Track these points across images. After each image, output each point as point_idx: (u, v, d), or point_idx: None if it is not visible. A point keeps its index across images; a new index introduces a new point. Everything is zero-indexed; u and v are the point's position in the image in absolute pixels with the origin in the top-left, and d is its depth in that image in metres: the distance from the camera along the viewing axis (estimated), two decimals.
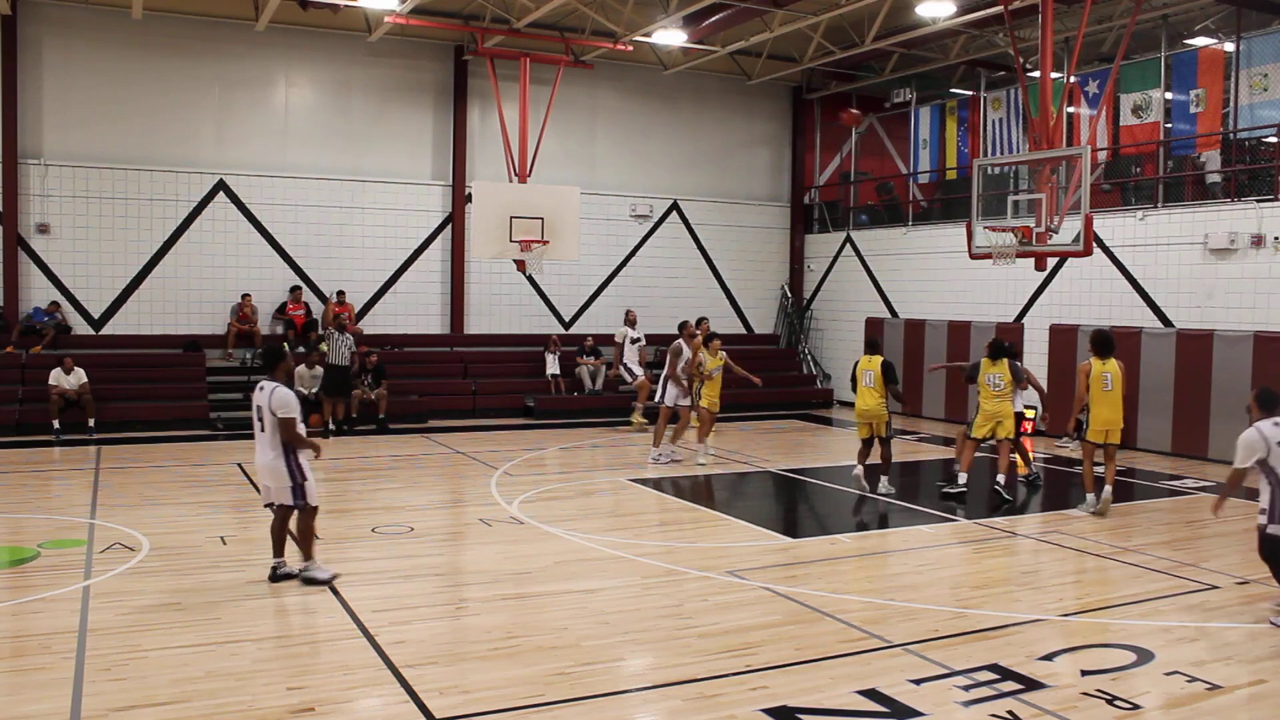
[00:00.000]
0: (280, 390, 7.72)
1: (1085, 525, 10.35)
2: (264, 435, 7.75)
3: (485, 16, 18.13)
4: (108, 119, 17.48)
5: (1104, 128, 17.10)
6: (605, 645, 6.56)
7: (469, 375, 19.07)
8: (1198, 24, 17.73)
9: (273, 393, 7.69)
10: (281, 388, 7.76)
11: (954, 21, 16.53)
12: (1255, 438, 7.18)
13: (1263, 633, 7.01)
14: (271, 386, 7.74)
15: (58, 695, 5.55)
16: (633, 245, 21.39)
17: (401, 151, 19.53)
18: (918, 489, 12.77)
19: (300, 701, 5.50)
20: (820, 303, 22.68)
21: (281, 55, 18.62)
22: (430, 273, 19.76)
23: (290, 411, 7.65)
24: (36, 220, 17.13)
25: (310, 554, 7.89)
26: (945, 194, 21.76)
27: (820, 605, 7.41)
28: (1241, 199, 15.15)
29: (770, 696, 5.64)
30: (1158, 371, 15.44)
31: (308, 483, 7.80)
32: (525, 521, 10.19)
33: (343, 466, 13.91)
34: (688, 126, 21.91)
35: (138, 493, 11.42)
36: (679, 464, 13.74)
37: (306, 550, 7.89)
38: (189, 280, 18.00)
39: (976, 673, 6.05)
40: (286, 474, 7.74)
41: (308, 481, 7.80)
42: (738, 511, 11.06)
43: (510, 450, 14.87)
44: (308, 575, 7.78)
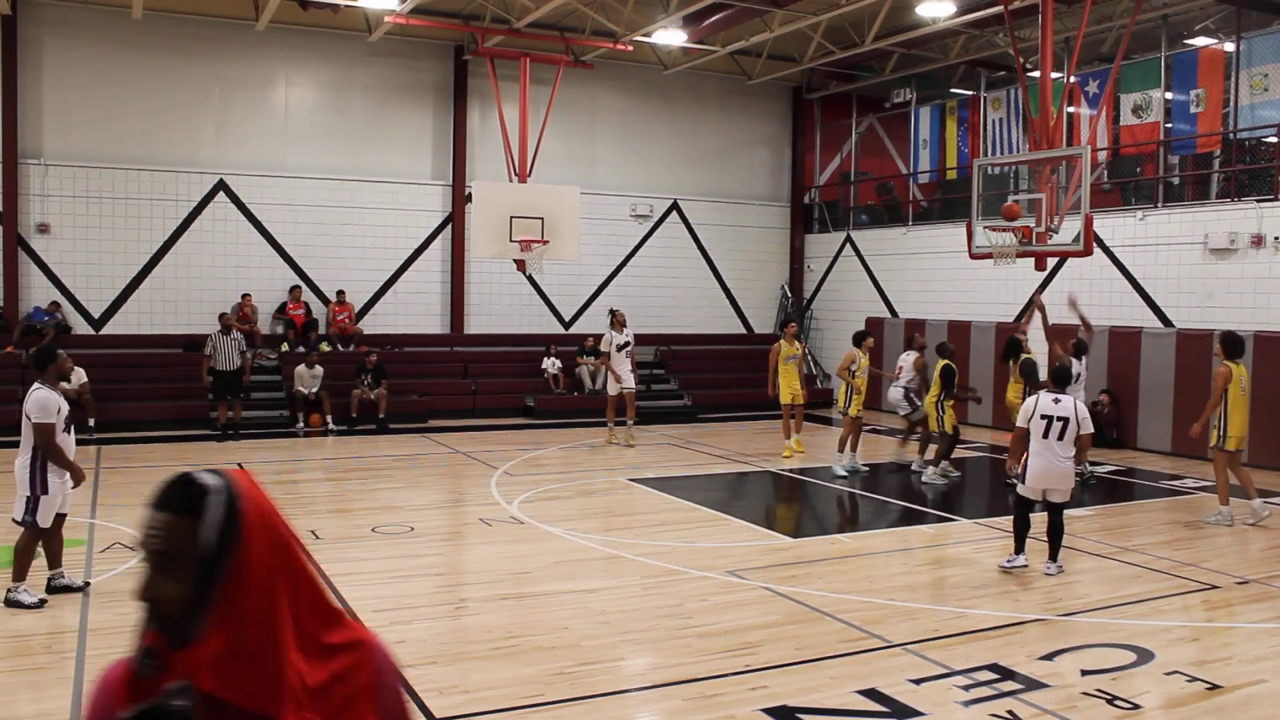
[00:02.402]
0: (39, 393, 7.14)
1: (1085, 525, 10.35)
2: (24, 440, 7.18)
3: (485, 16, 18.13)
4: (108, 119, 17.48)
5: (1104, 128, 17.10)
6: (605, 645, 6.56)
7: (469, 375, 19.07)
8: (1198, 24, 17.73)
9: (31, 395, 7.15)
10: (42, 390, 7.17)
11: (954, 21, 16.53)
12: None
13: (1262, 633, 7.01)
14: (34, 388, 7.19)
15: (58, 695, 5.55)
16: (633, 245, 21.39)
17: (401, 151, 19.53)
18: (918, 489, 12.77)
19: None
20: (820, 303, 22.69)
21: (281, 55, 18.62)
22: (430, 273, 19.76)
23: (45, 417, 7.06)
24: (36, 220, 17.14)
25: (22, 575, 7.17)
26: (945, 194, 21.76)
27: (820, 605, 7.41)
28: (1241, 199, 15.15)
29: (770, 696, 5.64)
30: (1158, 371, 15.44)
31: (45, 498, 7.13)
32: (525, 521, 10.19)
33: (342, 466, 13.92)
34: (688, 126, 21.91)
35: (138, 493, 11.38)
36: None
37: (19, 568, 7.15)
38: (189, 280, 17.99)
39: (976, 673, 6.04)
40: (27, 482, 7.12)
41: (46, 497, 7.13)
42: (738, 511, 11.06)
43: (510, 450, 14.87)
44: (11, 598, 7.10)
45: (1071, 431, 8.10)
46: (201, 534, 1.60)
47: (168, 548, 1.61)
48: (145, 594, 1.61)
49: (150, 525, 1.63)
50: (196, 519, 1.60)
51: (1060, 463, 8.10)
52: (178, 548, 1.60)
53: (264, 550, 1.63)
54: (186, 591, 1.60)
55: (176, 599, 1.60)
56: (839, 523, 11.42)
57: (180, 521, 1.61)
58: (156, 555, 1.61)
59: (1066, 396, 8.30)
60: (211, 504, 1.62)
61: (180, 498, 1.63)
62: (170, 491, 1.64)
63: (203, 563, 1.60)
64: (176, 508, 1.62)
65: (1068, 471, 8.17)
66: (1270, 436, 13.72)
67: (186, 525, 1.60)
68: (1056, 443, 8.08)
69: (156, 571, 1.61)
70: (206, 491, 1.63)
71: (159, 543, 1.61)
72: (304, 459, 14.59)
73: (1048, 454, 8.08)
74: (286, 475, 13.15)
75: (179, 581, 1.60)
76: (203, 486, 1.63)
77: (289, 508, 10.58)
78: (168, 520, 1.62)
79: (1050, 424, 8.09)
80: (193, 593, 1.60)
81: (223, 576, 1.59)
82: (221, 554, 1.60)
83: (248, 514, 1.63)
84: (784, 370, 14.44)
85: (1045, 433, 8.10)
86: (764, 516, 11.57)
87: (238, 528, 1.61)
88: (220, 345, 15.55)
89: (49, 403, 7.16)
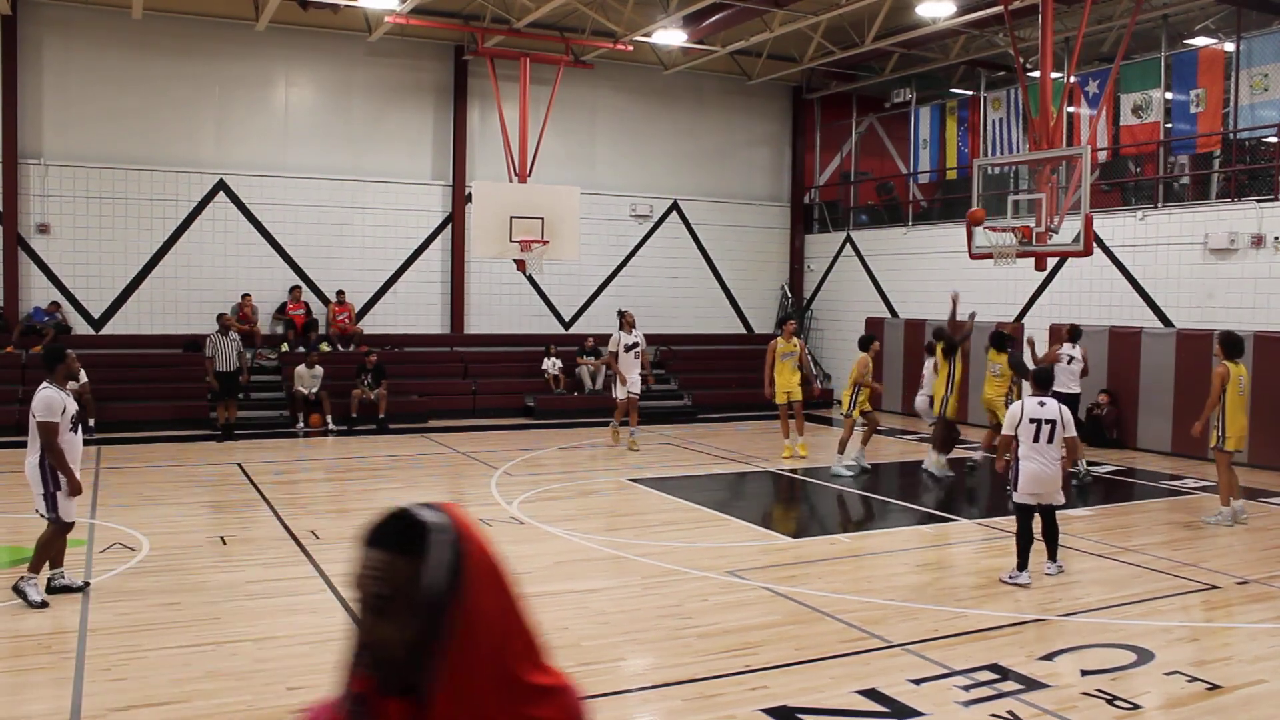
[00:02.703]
0: (46, 392, 7.24)
1: (1085, 525, 10.35)
2: (31, 439, 7.30)
3: (485, 16, 18.13)
4: (108, 119, 17.48)
5: (1104, 128, 17.10)
6: (605, 645, 6.56)
7: (469, 375, 19.07)
8: (1198, 24, 17.73)
9: (38, 394, 7.27)
10: (48, 389, 7.27)
11: (954, 21, 16.53)
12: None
13: (1262, 633, 7.01)
14: (41, 388, 7.29)
15: (58, 695, 5.55)
16: (633, 245, 21.38)
17: (401, 151, 19.52)
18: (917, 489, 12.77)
19: (300, 701, 5.49)
20: (820, 303, 22.68)
21: (281, 55, 18.62)
22: (430, 273, 19.76)
23: (50, 416, 7.15)
24: (36, 220, 17.13)
25: (38, 568, 7.26)
26: (945, 194, 21.76)
27: (820, 605, 7.41)
28: (1241, 199, 15.15)
29: (770, 696, 5.64)
30: (1158, 371, 15.44)
31: (62, 493, 7.26)
32: (525, 521, 10.19)
33: (342, 466, 13.92)
34: (688, 126, 21.91)
35: (137, 493, 11.41)
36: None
37: (36, 561, 7.26)
38: (189, 280, 17.99)
39: (976, 673, 6.04)
40: (39, 479, 7.23)
41: (62, 492, 7.26)
42: (738, 511, 11.06)
43: (510, 450, 14.86)
44: (21, 588, 7.16)
45: (1059, 434, 8.11)
46: (426, 575, 1.49)
47: (388, 589, 1.49)
48: (363, 637, 1.51)
49: (367, 564, 1.51)
50: (419, 558, 1.50)
51: (1052, 467, 8.08)
52: (399, 589, 1.49)
53: (490, 593, 1.52)
54: (408, 636, 1.49)
55: (398, 644, 1.49)
56: (839, 523, 11.42)
57: (401, 561, 1.50)
58: (375, 597, 1.50)
59: (1050, 399, 8.31)
60: (435, 543, 1.51)
61: (400, 535, 1.52)
62: (388, 528, 1.53)
63: (427, 607, 1.48)
64: (396, 546, 1.51)
65: (1059, 475, 8.16)
66: (1270, 436, 13.72)
67: (408, 565, 1.49)
68: (1046, 446, 8.06)
69: (374, 614, 1.50)
70: (428, 529, 1.52)
71: (378, 584, 1.50)
72: (304, 459, 14.58)
73: (1040, 458, 8.05)
74: (286, 475, 13.15)
75: (400, 626, 1.49)
76: (423, 523, 1.52)
77: (289, 508, 10.60)
78: (387, 559, 1.50)
79: (1039, 427, 8.06)
80: (415, 638, 1.49)
81: (449, 622, 1.48)
82: (448, 597, 1.49)
83: (473, 554, 1.52)
84: (780, 368, 14.42)
85: (1035, 437, 8.07)
86: (764, 516, 11.57)
87: (463, 569, 1.50)
88: (220, 346, 15.55)
89: (54, 402, 7.23)
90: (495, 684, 1.50)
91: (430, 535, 1.51)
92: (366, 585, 1.51)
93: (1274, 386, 13.75)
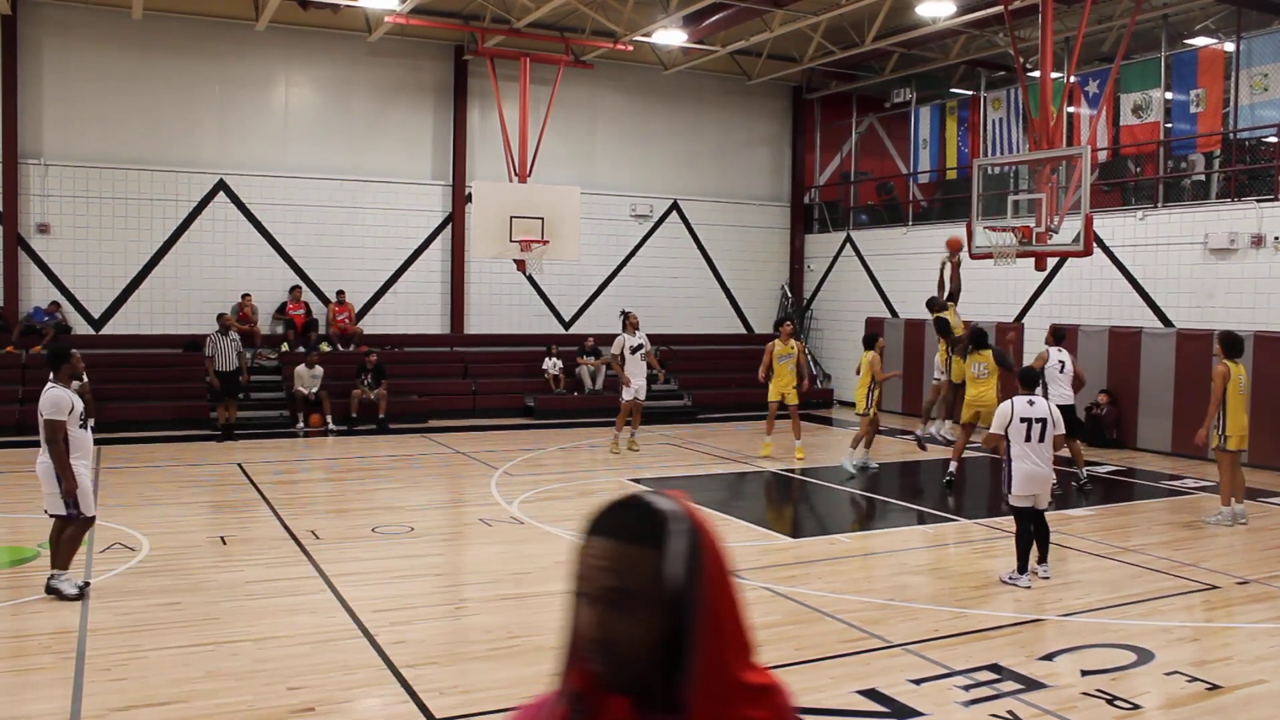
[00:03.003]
0: (53, 391, 7.31)
1: (1085, 525, 10.35)
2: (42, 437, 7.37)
3: (485, 16, 18.13)
4: (108, 119, 17.48)
5: (1104, 128, 17.10)
6: None
7: (469, 375, 19.07)
8: (1198, 24, 17.73)
9: (45, 393, 7.33)
10: (55, 389, 7.34)
11: (954, 21, 16.53)
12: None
13: (1262, 633, 7.01)
14: (48, 387, 7.37)
15: (58, 695, 5.55)
16: (633, 245, 21.38)
17: (401, 151, 19.53)
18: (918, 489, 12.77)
19: (300, 701, 5.50)
20: (820, 303, 22.68)
21: (281, 55, 18.63)
22: (430, 273, 19.76)
23: (58, 414, 7.22)
24: (36, 220, 17.13)
25: (65, 564, 7.37)
26: (945, 194, 21.76)
27: (820, 605, 7.41)
28: (1241, 199, 15.15)
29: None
30: (1158, 371, 15.44)
31: (79, 490, 7.32)
32: (525, 521, 10.19)
33: (342, 466, 13.92)
34: (688, 126, 21.91)
35: (137, 493, 11.42)
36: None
37: (63, 559, 7.36)
38: (189, 280, 17.99)
39: (976, 673, 6.04)
40: (53, 477, 7.30)
41: (79, 489, 7.32)
42: (738, 511, 11.06)
43: (510, 450, 14.86)
44: (55, 585, 7.28)
45: (1050, 433, 8.10)
46: (667, 568, 1.39)
47: (626, 583, 1.39)
48: (597, 634, 1.40)
49: (597, 554, 1.42)
50: (658, 550, 1.40)
51: (1044, 466, 8.07)
52: (636, 582, 1.39)
53: (723, 586, 1.43)
54: (651, 634, 1.39)
55: (639, 642, 1.40)
56: (839, 523, 11.42)
57: (639, 552, 1.40)
58: (610, 590, 1.40)
59: (1039, 398, 8.30)
60: (673, 532, 1.41)
61: (634, 524, 1.42)
62: (622, 516, 1.44)
63: (670, 602, 1.39)
64: (633, 536, 1.41)
65: (1051, 474, 8.17)
66: (1270, 436, 13.72)
67: (647, 557, 1.40)
68: (1038, 445, 8.03)
69: (610, 609, 1.40)
70: (665, 518, 1.42)
71: (614, 576, 1.40)
72: (304, 459, 14.58)
73: (1033, 458, 8.02)
74: (286, 475, 13.15)
75: (639, 623, 1.39)
76: (660, 512, 1.43)
77: (289, 508, 10.60)
78: (623, 550, 1.41)
79: (1030, 426, 8.04)
80: (658, 636, 1.40)
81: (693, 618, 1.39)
82: (689, 592, 1.40)
83: (707, 545, 1.43)
84: (778, 370, 14.39)
85: (1027, 436, 8.04)
86: (764, 516, 11.57)
87: (701, 561, 1.41)
88: (220, 346, 15.55)
89: (61, 401, 7.31)
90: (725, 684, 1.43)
91: (668, 524, 1.42)
92: (597, 578, 1.41)
93: (1274, 386, 13.76)
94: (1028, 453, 8.02)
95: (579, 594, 1.44)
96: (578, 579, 1.44)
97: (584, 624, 1.43)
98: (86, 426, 7.55)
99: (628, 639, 1.40)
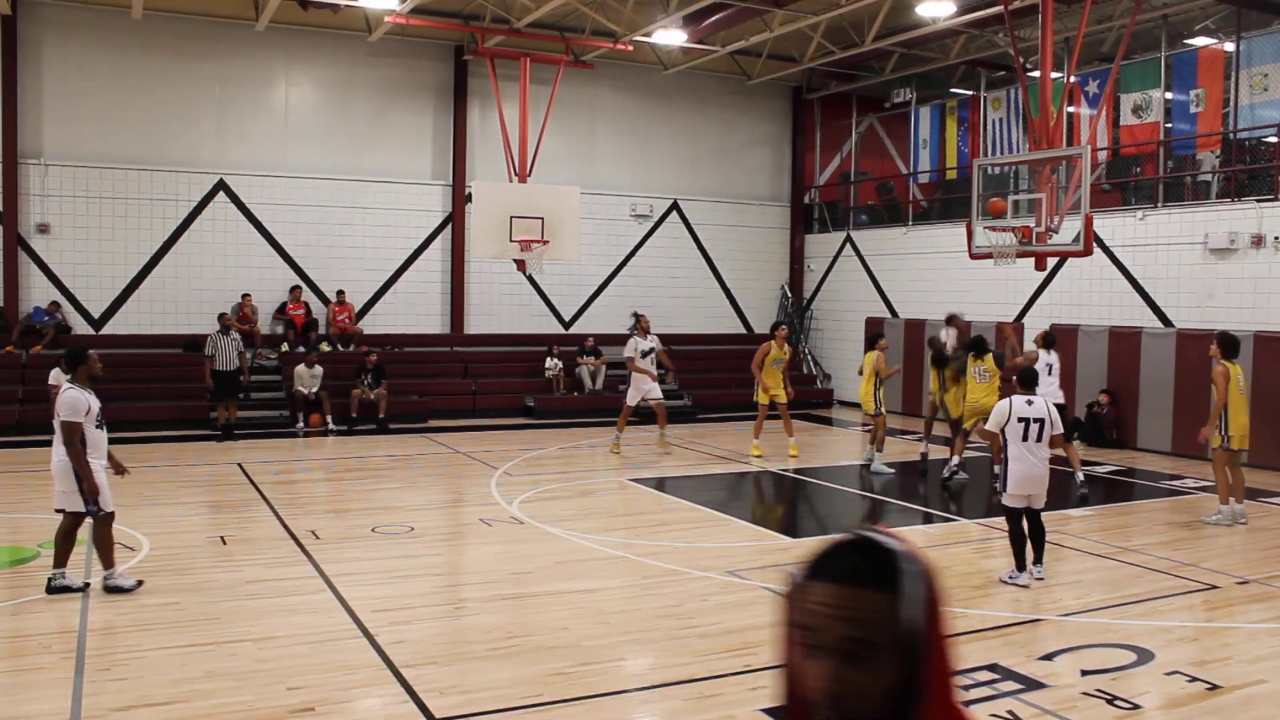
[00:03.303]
0: (70, 393, 7.38)
1: (1085, 525, 10.35)
2: (56, 436, 7.43)
3: (485, 16, 18.13)
4: (108, 119, 17.49)
5: (1104, 128, 17.10)
6: (605, 645, 6.56)
7: (469, 375, 19.07)
8: (1198, 24, 17.73)
9: (62, 394, 7.41)
10: (71, 390, 7.43)
11: (954, 21, 16.53)
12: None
13: (1262, 633, 7.01)
14: (64, 388, 7.46)
15: (58, 695, 5.55)
16: (633, 245, 21.38)
17: (401, 151, 19.53)
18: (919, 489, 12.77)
19: (300, 701, 5.50)
20: (820, 303, 22.68)
21: (281, 55, 18.62)
22: (430, 273, 19.77)
23: (74, 416, 7.29)
24: (36, 220, 17.14)
25: (110, 561, 7.50)
26: (945, 194, 21.76)
27: None
28: (1241, 199, 15.15)
29: (770, 696, 5.63)
30: (1158, 371, 15.43)
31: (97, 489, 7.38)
32: (525, 521, 10.19)
33: (342, 466, 13.92)
34: (688, 126, 21.91)
35: (137, 493, 11.40)
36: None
37: (106, 558, 7.48)
38: (189, 280, 18.00)
39: (976, 673, 6.04)
40: (71, 475, 7.35)
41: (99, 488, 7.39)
42: (738, 511, 11.06)
43: (510, 450, 14.87)
44: (112, 584, 7.41)
45: (1047, 432, 8.09)
46: (904, 613, 1.32)
47: (864, 632, 1.31)
48: (832, 687, 1.32)
49: (831, 603, 1.33)
50: (894, 594, 1.32)
51: (1041, 466, 8.06)
52: (876, 631, 1.31)
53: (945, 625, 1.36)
54: (886, 684, 1.32)
55: (874, 693, 1.32)
56: (839, 523, 11.42)
57: (877, 598, 1.32)
58: (848, 641, 1.32)
59: (1038, 397, 8.29)
60: (907, 574, 1.34)
61: (869, 568, 1.34)
62: (852, 559, 1.35)
63: (906, 649, 1.32)
64: (868, 581, 1.33)
65: (1047, 475, 8.15)
66: (1270, 436, 13.72)
67: (884, 603, 1.32)
68: (1036, 445, 8.03)
69: (845, 660, 1.32)
70: (898, 558, 1.35)
71: (852, 625, 1.32)
72: (304, 459, 14.59)
73: (1030, 457, 8.01)
74: (286, 475, 13.15)
75: (877, 672, 1.31)
76: (893, 553, 1.35)
77: (289, 508, 10.60)
78: (858, 596, 1.32)
79: (1028, 426, 8.03)
80: (892, 684, 1.32)
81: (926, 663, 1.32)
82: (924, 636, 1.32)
83: (935, 584, 1.35)
84: (770, 372, 14.35)
85: (1025, 435, 8.03)
86: (764, 516, 11.57)
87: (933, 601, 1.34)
88: (219, 345, 15.54)
89: (78, 403, 7.39)
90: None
91: (901, 566, 1.34)
92: (831, 627, 1.32)
93: (1274, 386, 13.76)
94: (1024, 453, 8.01)
95: (809, 645, 1.35)
96: (805, 629, 1.35)
97: (815, 676, 1.34)
98: (102, 426, 7.64)
99: (865, 690, 1.32)
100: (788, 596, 1.39)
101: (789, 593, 1.39)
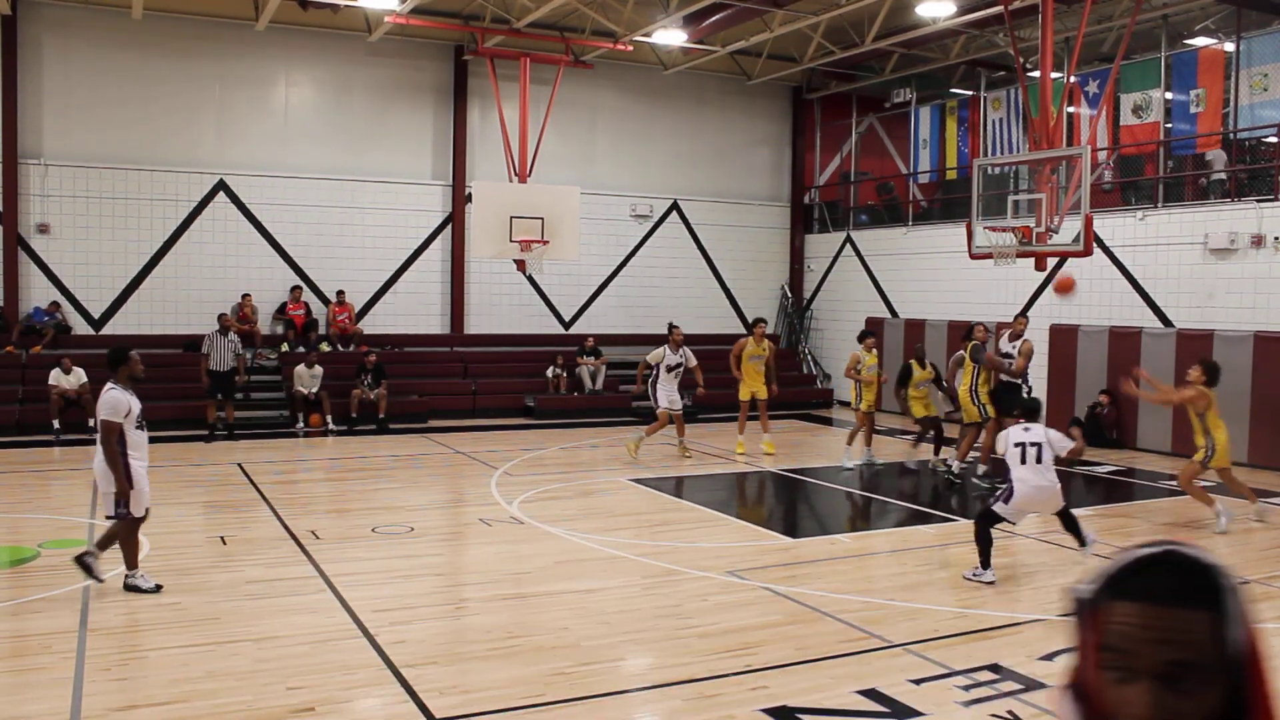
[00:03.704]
0: (112, 393, 7.41)
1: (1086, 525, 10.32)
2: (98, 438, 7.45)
3: (485, 16, 18.13)
4: (108, 119, 17.49)
5: (1104, 128, 17.10)
6: (605, 645, 6.56)
7: (469, 375, 19.07)
8: (1198, 24, 17.73)
9: (104, 394, 7.44)
10: (113, 390, 7.44)
11: (954, 21, 16.53)
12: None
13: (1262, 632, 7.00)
14: (107, 388, 7.48)
15: (58, 695, 5.55)
16: (633, 245, 21.38)
17: (401, 151, 19.53)
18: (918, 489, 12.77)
19: (300, 701, 5.50)
20: (820, 303, 22.68)
21: (281, 55, 18.62)
22: (430, 273, 19.76)
23: (114, 416, 7.33)
24: (36, 220, 17.14)
25: (134, 563, 7.55)
26: (945, 194, 21.76)
27: (820, 605, 7.41)
28: (1241, 199, 15.15)
29: (770, 696, 5.63)
30: (1158, 371, 15.31)
31: (134, 491, 7.45)
32: (525, 521, 10.19)
33: (342, 466, 13.91)
34: (688, 126, 21.91)
35: None
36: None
37: (130, 558, 7.53)
38: (189, 280, 17.99)
39: (976, 673, 6.04)
40: (111, 478, 7.40)
41: (134, 490, 7.45)
42: (738, 511, 11.06)
43: (510, 450, 14.86)
44: (131, 583, 7.47)
45: (1049, 453, 8.28)
46: (1229, 633, 1.22)
47: (1189, 654, 1.21)
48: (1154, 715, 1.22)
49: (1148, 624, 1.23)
50: (1216, 612, 1.22)
51: (1045, 484, 8.24)
52: (1201, 653, 1.21)
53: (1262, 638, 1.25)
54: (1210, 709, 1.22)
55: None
56: (839, 523, 11.42)
57: (1199, 618, 1.22)
58: (1171, 665, 1.21)
59: (1036, 425, 8.50)
60: (1227, 589, 1.23)
61: (1185, 584, 1.23)
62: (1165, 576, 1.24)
63: (1231, 671, 1.22)
64: (1188, 599, 1.23)
65: (1054, 490, 8.29)
66: (1270, 436, 13.72)
67: (1207, 622, 1.22)
68: (1036, 466, 8.22)
69: (1168, 687, 1.21)
70: (1216, 573, 1.24)
71: (1174, 649, 1.21)
72: (304, 459, 14.58)
73: (1033, 478, 8.20)
74: (286, 475, 13.15)
75: (1199, 697, 1.22)
76: (1209, 566, 1.25)
77: (289, 508, 10.60)
78: (1179, 616, 1.22)
79: (1025, 450, 8.27)
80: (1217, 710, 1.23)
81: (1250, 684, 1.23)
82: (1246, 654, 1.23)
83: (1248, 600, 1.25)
84: (747, 369, 14.47)
85: (1023, 459, 8.26)
86: (764, 516, 11.57)
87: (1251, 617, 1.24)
88: (217, 345, 15.54)
89: (119, 403, 7.43)
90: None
91: (1220, 580, 1.24)
92: (1153, 651, 1.22)
93: (1274, 386, 13.75)
94: (1026, 475, 8.22)
95: (1120, 669, 1.25)
96: (1114, 652, 1.26)
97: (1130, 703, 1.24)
98: (143, 427, 7.66)
99: (1186, 717, 1.22)
100: (1084, 616, 1.31)
101: (1085, 612, 1.31)
